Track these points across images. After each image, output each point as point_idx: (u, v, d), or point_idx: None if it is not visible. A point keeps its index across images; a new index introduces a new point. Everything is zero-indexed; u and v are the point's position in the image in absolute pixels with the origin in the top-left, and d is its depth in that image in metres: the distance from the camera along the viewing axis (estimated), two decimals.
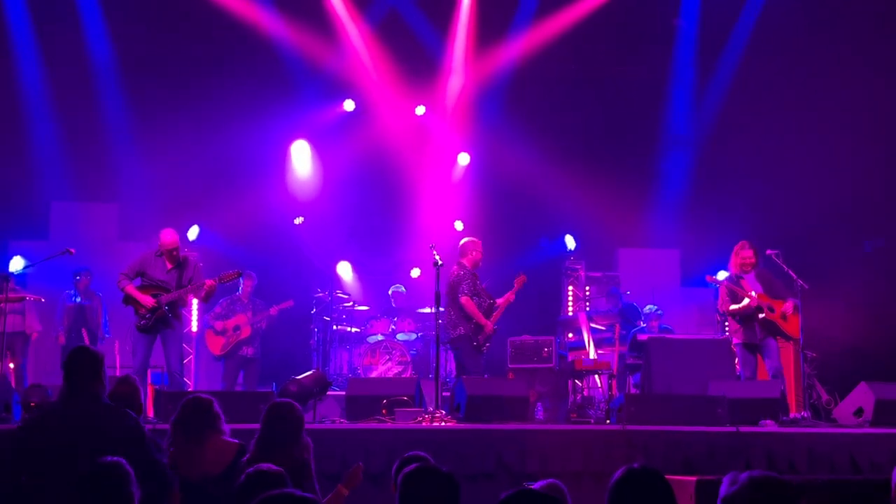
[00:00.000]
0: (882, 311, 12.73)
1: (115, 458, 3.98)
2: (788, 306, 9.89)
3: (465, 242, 10.61)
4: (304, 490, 5.26)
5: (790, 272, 9.98)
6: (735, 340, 10.28)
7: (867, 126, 13.14)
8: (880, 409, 9.12)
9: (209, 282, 9.82)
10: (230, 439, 5.74)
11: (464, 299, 10.24)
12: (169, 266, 9.83)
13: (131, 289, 9.70)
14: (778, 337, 10.10)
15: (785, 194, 13.82)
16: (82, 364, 5.00)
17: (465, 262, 10.48)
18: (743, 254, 10.14)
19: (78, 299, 12.25)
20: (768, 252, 10.42)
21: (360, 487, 5.68)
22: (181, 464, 5.59)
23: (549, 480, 4.70)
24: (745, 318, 10.01)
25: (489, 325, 10.27)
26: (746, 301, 9.92)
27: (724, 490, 3.42)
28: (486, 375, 10.55)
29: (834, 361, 11.79)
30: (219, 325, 12.14)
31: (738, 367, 10.73)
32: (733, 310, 10.10)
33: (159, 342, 9.80)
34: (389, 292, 13.72)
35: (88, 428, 4.78)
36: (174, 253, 9.83)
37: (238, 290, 12.34)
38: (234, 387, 11.85)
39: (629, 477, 3.42)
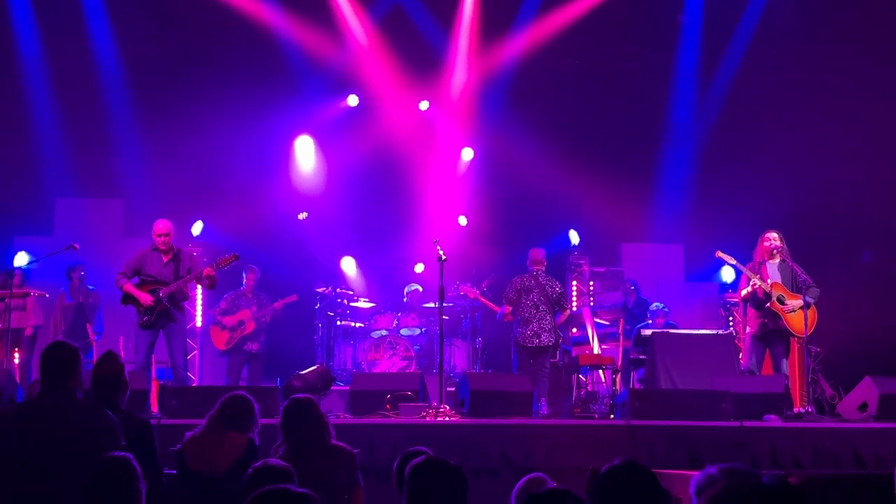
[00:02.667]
0: (887, 306, 12.72)
1: (123, 454, 3.99)
2: (798, 302, 9.85)
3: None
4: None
5: (794, 266, 9.96)
6: (749, 329, 10.27)
7: (874, 117, 13.10)
8: (885, 404, 9.11)
9: (206, 270, 9.81)
10: (242, 434, 5.75)
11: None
12: (165, 259, 9.83)
13: (129, 287, 9.70)
14: (791, 339, 10.08)
15: (789, 188, 13.79)
16: (57, 359, 4.87)
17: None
18: (765, 241, 10.13)
19: (73, 297, 12.22)
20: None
21: (364, 482, 5.68)
22: (193, 457, 5.59)
23: (535, 474, 4.69)
24: (759, 304, 9.99)
25: None
26: (751, 285, 9.92)
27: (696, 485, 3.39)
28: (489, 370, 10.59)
29: (838, 356, 11.79)
30: (224, 320, 12.15)
31: (742, 360, 10.74)
32: (742, 294, 10.14)
33: (162, 337, 9.82)
34: (405, 291, 13.71)
35: (62, 425, 4.69)
36: (166, 240, 9.79)
37: (242, 284, 12.36)
38: (237, 382, 11.85)
39: (611, 474, 3.37)
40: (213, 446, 5.62)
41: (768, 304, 9.85)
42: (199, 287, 10.67)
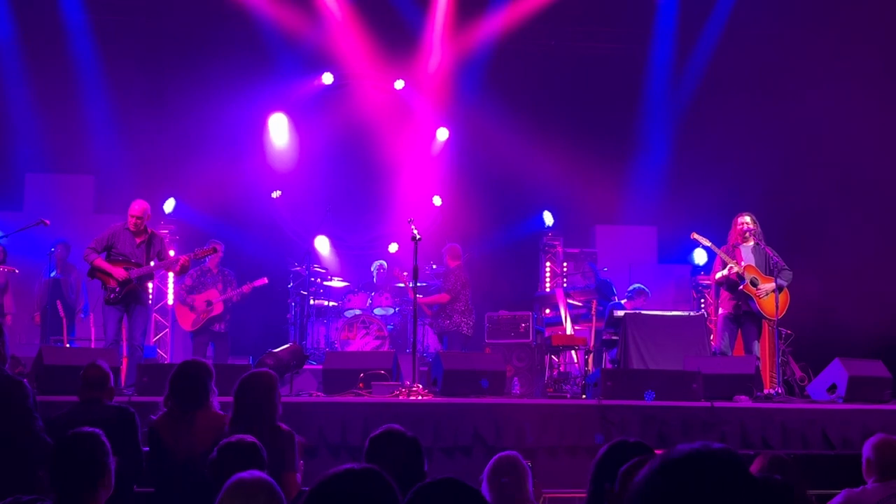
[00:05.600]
0: (856, 288, 12.83)
1: (92, 429, 3.97)
2: (771, 285, 9.92)
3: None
4: (285, 462, 5.25)
5: (767, 249, 10.03)
6: (721, 311, 10.35)
7: (847, 101, 13.16)
8: (853, 386, 9.21)
9: (183, 258, 9.77)
10: (219, 412, 5.67)
11: None
12: (138, 241, 9.75)
13: (101, 261, 9.59)
14: (764, 322, 10.15)
15: (762, 172, 13.88)
16: None
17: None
18: (739, 224, 10.19)
19: (53, 273, 12.14)
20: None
21: (336, 460, 5.66)
22: (168, 438, 5.49)
23: (507, 452, 4.72)
24: (732, 287, 10.06)
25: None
26: (727, 269, 9.98)
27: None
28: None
29: (808, 338, 11.89)
30: (192, 300, 12.03)
31: (713, 342, 10.82)
32: (717, 277, 10.20)
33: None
34: (372, 268, 13.69)
35: None
36: (142, 221, 9.73)
37: (205, 260, 12.21)
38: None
39: (618, 448, 3.41)
40: (184, 426, 5.51)
41: (741, 287, 9.92)
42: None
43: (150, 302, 10.22)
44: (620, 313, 10.98)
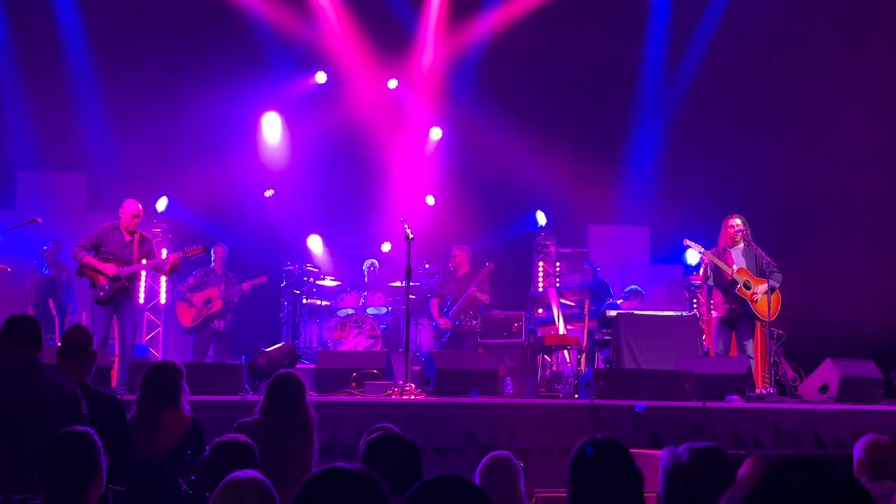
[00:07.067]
0: (847, 289, 12.86)
1: (83, 428, 3.95)
2: (763, 287, 9.94)
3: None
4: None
5: (758, 249, 10.05)
6: (715, 313, 10.37)
7: (838, 102, 13.20)
8: (845, 386, 9.25)
9: (172, 257, 9.76)
10: (186, 413, 5.69)
11: None
12: (127, 239, 9.73)
13: (90, 259, 9.57)
14: (756, 322, 10.18)
15: (754, 172, 13.90)
16: (20, 329, 4.92)
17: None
18: (729, 227, 10.20)
19: (46, 270, 12.11)
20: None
21: (329, 458, 5.67)
22: (135, 435, 5.41)
23: (501, 452, 4.73)
24: (727, 290, 10.07)
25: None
26: (702, 268, 10.02)
27: (665, 462, 3.44)
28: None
29: (800, 339, 11.91)
30: (192, 297, 12.05)
31: (705, 342, 10.84)
32: (700, 274, 10.22)
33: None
34: (364, 267, 13.67)
35: (24, 393, 4.73)
36: (134, 221, 9.72)
37: (211, 261, 12.26)
38: (203, 359, 11.78)
39: (590, 447, 3.43)
40: (152, 426, 5.52)
41: (735, 290, 9.94)
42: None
43: (139, 300, 10.19)
44: (613, 313, 10.99)
